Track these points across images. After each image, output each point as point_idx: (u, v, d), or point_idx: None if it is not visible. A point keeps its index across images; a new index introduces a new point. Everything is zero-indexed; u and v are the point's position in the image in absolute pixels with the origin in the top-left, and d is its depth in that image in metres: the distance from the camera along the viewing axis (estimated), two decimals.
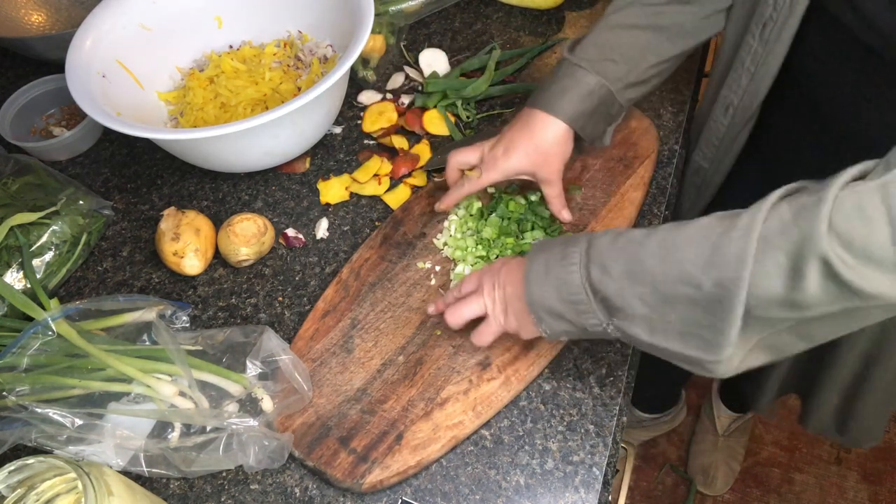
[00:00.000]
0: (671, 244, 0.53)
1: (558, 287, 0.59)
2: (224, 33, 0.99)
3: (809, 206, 0.47)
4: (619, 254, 0.56)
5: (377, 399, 0.69)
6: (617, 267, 0.55)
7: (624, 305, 0.56)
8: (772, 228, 0.49)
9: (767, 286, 0.49)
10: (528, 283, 0.61)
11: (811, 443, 1.59)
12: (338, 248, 0.83)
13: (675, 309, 0.53)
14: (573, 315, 0.59)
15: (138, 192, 0.92)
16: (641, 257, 0.54)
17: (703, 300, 0.51)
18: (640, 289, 0.54)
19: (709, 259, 0.51)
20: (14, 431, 0.63)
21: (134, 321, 0.72)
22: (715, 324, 0.51)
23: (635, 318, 0.55)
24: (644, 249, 0.54)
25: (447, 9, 1.10)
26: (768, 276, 0.48)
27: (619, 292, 0.55)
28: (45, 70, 1.01)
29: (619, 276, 0.55)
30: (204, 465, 0.64)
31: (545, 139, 0.74)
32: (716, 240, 0.51)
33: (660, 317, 0.54)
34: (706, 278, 0.51)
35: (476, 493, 0.65)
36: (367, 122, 0.95)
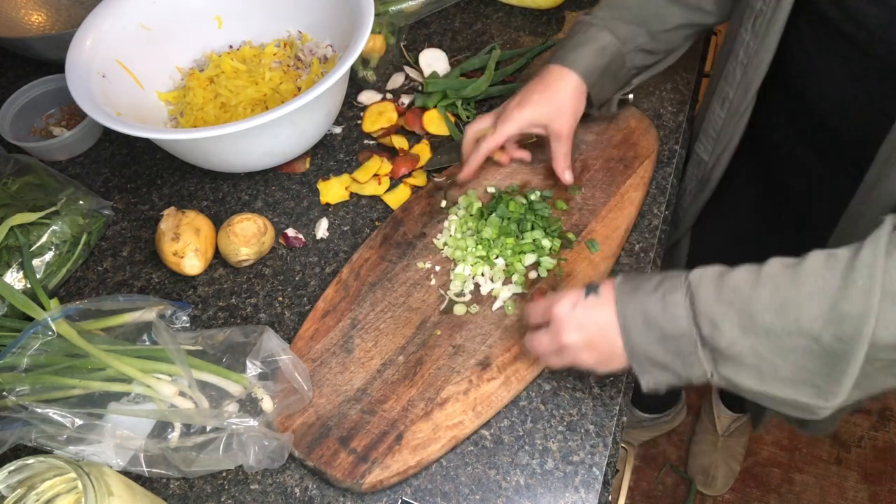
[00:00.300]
0: (786, 299, 0.52)
1: (664, 340, 0.57)
2: (224, 33, 0.99)
3: None
4: (728, 307, 0.54)
5: (377, 399, 0.69)
6: (728, 321, 0.54)
7: (735, 356, 0.54)
8: (894, 284, 0.49)
9: (886, 336, 0.49)
10: (628, 333, 0.58)
11: (811, 443, 1.59)
12: (338, 248, 0.83)
13: (789, 359, 0.53)
14: (679, 367, 0.57)
15: (138, 192, 0.92)
16: (754, 311, 0.53)
17: (821, 352, 0.51)
18: (754, 341, 0.53)
19: (828, 316, 0.50)
20: (14, 431, 0.62)
21: (134, 321, 0.72)
22: (832, 374, 0.51)
23: (745, 368, 0.54)
24: (756, 303, 0.53)
25: (447, 9, 1.10)
26: (888, 328, 0.49)
27: (732, 345, 0.54)
28: (45, 70, 1.01)
29: (729, 329, 0.54)
30: (204, 465, 0.64)
31: (559, 90, 0.76)
32: (835, 294, 0.50)
33: (772, 366, 0.53)
34: (826, 333, 0.50)
35: (476, 493, 0.65)
36: (367, 122, 0.95)
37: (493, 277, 0.76)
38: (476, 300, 0.75)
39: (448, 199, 0.84)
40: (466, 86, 0.95)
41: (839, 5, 0.61)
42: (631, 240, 0.80)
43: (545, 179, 0.85)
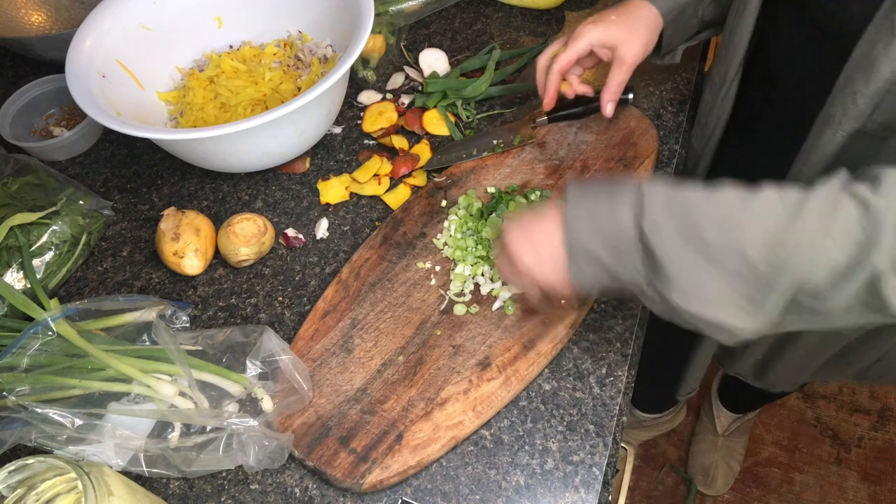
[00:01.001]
0: (733, 218, 0.53)
1: (603, 233, 0.57)
2: (224, 33, 0.99)
3: (875, 212, 0.49)
4: (675, 215, 0.55)
5: (377, 399, 0.69)
6: (671, 229, 0.54)
7: (670, 267, 0.55)
8: (838, 226, 0.50)
9: (815, 276, 0.50)
10: (570, 225, 0.59)
11: (811, 443, 1.59)
12: (338, 248, 0.83)
13: (721, 278, 0.53)
14: (612, 262, 0.58)
15: (138, 192, 0.92)
16: (699, 223, 0.54)
17: (752, 277, 0.52)
18: (692, 255, 0.54)
19: (770, 243, 0.51)
20: (14, 431, 0.62)
21: (134, 321, 0.72)
22: (758, 299, 0.53)
23: (677, 283, 0.55)
24: (702, 217, 0.54)
25: (447, 9, 1.10)
26: (820, 268, 0.50)
27: (669, 254, 0.55)
28: (45, 70, 1.01)
29: (670, 237, 0.54)
30: (204, 465, 0.64)
31: (638, 18, 0.77)
32: (782, 224, 0.51)
33: (701, 283, 0.54)
34: (762, 259, 0.51)
35: (476, 493, 0.65)
36: (367, 122, 0.95)
37: (493, 277, 0.76)
38: (476, 300, 0.75)
39: (448, 199, 0.84)
40: (466, 86, 0.95)
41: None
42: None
43: (545, 179, 0.85)
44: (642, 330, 0.76)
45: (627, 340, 0.73)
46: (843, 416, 1.62)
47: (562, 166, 0.85)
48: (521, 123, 0.90)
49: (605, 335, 0.74)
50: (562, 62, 0.78)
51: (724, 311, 0.55)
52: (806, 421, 1.62)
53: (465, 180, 0.86)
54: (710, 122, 0.85)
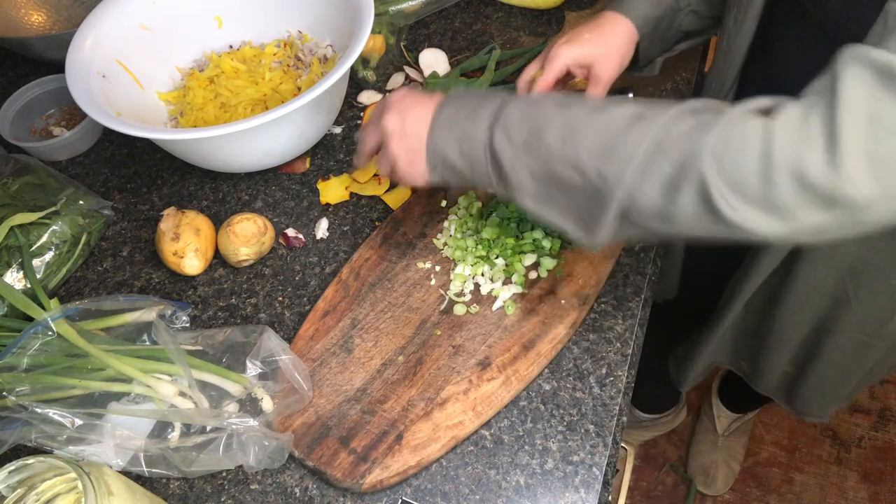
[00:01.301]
0: (576, 127, 0.53)
1: (460, 140, 0.59)
2: (224, 33, 0.99)
3: (706, 122, 0.48)
4: (525, 123, 0.55)
5: (377, 399, 0.69)
6: (519, 136, 0.55)
7: (513, 176, 0.56)
8: (669, 136, 0.49)
9: (646, 192, 0.50)
10: (433, 128, 0.60)
11: (811, 443, 1.59)
12: (338, 248, 0.83)
13: (559, 190, 0.54)
14: (468, 171, 0.60)
15: (138, 192, 0.92)
16: (544, 132, 0.54)
17: (585, 188, 0.53)
18: (533, 163, 0.55)
19: (602, 150, 0.51)
20: (14, 431, 0.62)
21: (134, 321, 0.72)
22: (592, 212, 0.53)
23: (523, 190, 0.56)
24: (549, 125, 0.54)
25: (447, 9, 1.10)
26: (649, 181, 0.50)
27: (512, 162, 0.56)
28: (45, 70, 1.01)
29: (517, 145, 0.55)
30: (204, 465, 0.64)
31: (612, 34, 0.75)
32: (616, 133, 0.51)
33: (546, 193, 0.55)
34: (592, 168, 0.51)
35: (476, 493, 0.65)
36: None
37: (493, 277, 0.76)
38: (476, 300, 0.75)
39: (448, 199, 0.84)
40: (466, 86, 0.94)
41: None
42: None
43: None
44: (642, 330, 0.76)
45: (627, 340, 0.73)
46: (843, 416, 1.62)
47: None
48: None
49: (605, 335, 0.74)
50: (540, 87, 0.77)
51: (567, 220, 0.56)
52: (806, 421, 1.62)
53: None
54: None
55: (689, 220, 0.50)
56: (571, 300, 0.74)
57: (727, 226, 0.48)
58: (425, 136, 0.61)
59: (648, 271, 0.78)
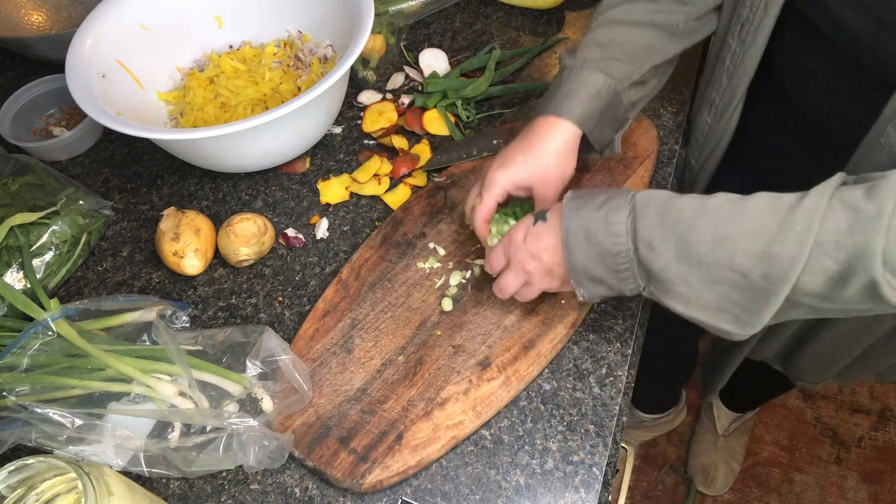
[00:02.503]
0: (724, 233, 0.54)
1: (602, 256, 0.59)
2: (224, 33, 0.99)
3: (866, 219, 0.49)
4: (668, 233, 0.56)
5: (377, 399, 0.69)
6: (665, 247, 0.56)
7: (666, 281, 0.57)
8: (828, 235, 0.50)
9: (811, 283, 0.51)
10: (569, 252, 0.61)
11: (811, 443, 1.59)
12: (338, 248, 0.83)
13: (715, 289, 0.55)
14: (614, 282, 0.61)
15: (138, 192, 0.92)
16: (690, 241, 0.55)
17: (746, 287, 0.53)
18: (686, 269, 0.55)
19: (761, 254, 0.52)
20: (14, 431, 0.62)
21: (134, 321, 0.72)
22: (753, 308, 0.54)
23: (674, 292, 0.57)
24: (695, 234, 0.55)
25: (447, 9, 1.10)
26: (814, 276, 0.51)
27: (664, 269, 0.56)
28: (45, 70, 1.01)
29: (665, 254, 0.56)
30: (204, 465, 0.64)
31: (545, 149, 0.69)
32: (771, 236, 0.52)
33: (699, 294, 0.56)
34: (755, 271, 0.52)
35: (476, 493, 0.65)
36: (367, 122, 0.95)
37: None
38: (477, 300, 0.75)
39: (448, 199, 0.84)
40: (466, 86, 0.94)
41: (826, 15, 0.61)
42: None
43: None
44: (642, 330, 0.76)
45: (627, 340, 0.73)
46: (844, 416, 1.62)
47: None
48: (522, 123, 0.90)
49: (605, 335, 0.74)
50: (483, 214, 0.71)
51: (721, 318, 0.56)
52: (806, 421, 1.62)
53: (466, 180, 0.86)
54: (710, 142, 0.83)
55: (851, 303, 0.52)
56: (571, 300, 0.74)
57: (889, 306, 0.51)
58: (562, 261, 0.62)
59: None
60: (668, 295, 0.58)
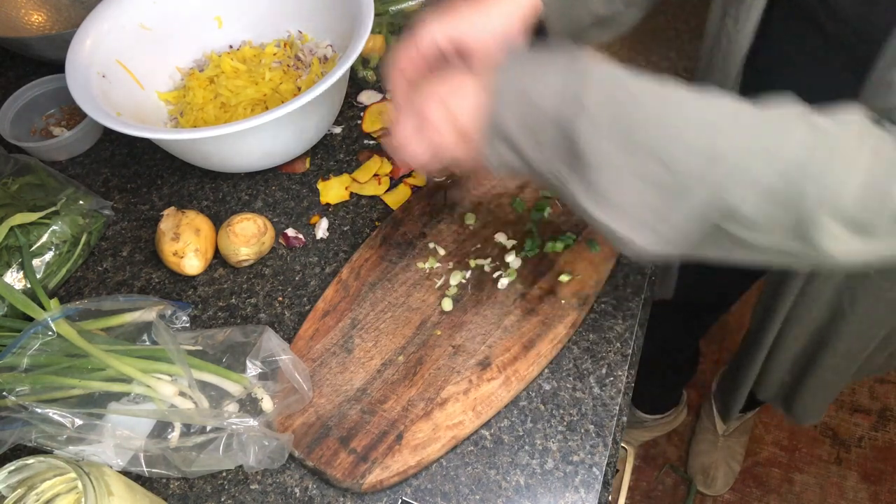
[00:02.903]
0: (671, 120, 0.47)
1: (528, 115, 0.50)
2: (224, 33, 0.99)
3: (829, 145, 0.45)
4: (612, 107, 0.48)
5: (377, 399, 0.69)
6: (602, 119, 0.48)
7: (587, 162, 0.49)
8: (783, 147, 0.46)
9: (736, 197, 0.46)
10: (496, 100, 0.51)
11: (811, 443, 1.59)
12: (338, 248, 0.83)
13: (637, 186, 0.48)
14: (529, 149, 0.51)
15: (138, 192, 0.92)
16: (634, 120, 0.47)
17: (668, 185, 0.47)
18: (615, 152, 0.48)
19: (698, 146, 0.46)
20: (14, 431, 0.62)
21: (134, 321, 0.72)
22: (665, 211, 0.48)
23: (590, 181, 0.49)
24: (641, 113, 0.47)
25: None
26: (744, 188, 0.46)
27: (592, 146, 0.48)
28: (45, 70, 1.01)
29: (599, 128, 0.48)
30: (204, 465, 0.64)
31: (499, 11, 0.61)
32: (721, 130, 0.47)
33: (617, 187, 0.49)
34: (682, 162, 0.46)
35: (476, 493, 0.65)
36: (367, 122, 0.95)
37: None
38: (477, 299, 0.75)
39: (448, 199, 0.84)
40: None
41: None
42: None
43: None
44: (642, 330, 0.76)
45: (627, 340, 0.73)
46: (844, 416, 1.62)
47: None
48: None
49: (605, 335, 0.74)
50: (400, 60, 0.62)
51: (627, 222, 0.50)
52: None
53: (466, 180, 0.86)
54: None
55: (776, 237, 0.47)
56: (571, 300, 0.74)
57: (815, 255, 0.47)
58: (477, 113, 0.52)
59: (648, 271, 0.78)
60: (581, 184, 0.49)
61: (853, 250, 0.47)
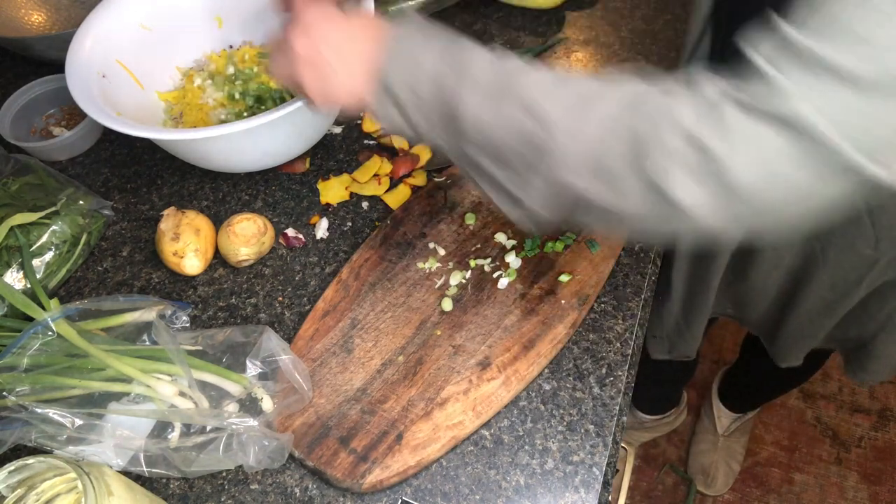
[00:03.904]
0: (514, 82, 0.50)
1: (419, 76, 0.53)
2: (224, 33, 0.99)
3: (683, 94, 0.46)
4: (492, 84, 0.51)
5: (377, 399, 0.69)
6: (485, 94, 0.51)
7: (463, 126, 0.52)
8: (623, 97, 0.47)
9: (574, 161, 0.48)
10: (393, 56, 0.54)
11: (811, 443, 1.59)
12: (338, 248, 0.83)
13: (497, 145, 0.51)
14: (417, 115, 0.54)
15: (138, 192, 0.92)
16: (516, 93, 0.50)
17: (518, 160, 0.50)
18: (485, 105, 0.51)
19: (531, 112, 0.49)
20: (14, 431, 0.62)
21: (134, 321, 0.72)
22: (521, 183, 0.51)
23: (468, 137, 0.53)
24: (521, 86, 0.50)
25: (447, 9, 1.09)
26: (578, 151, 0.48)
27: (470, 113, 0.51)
28: (45, 70, 1.01)
29: (473, 97, 0.51)
30: (204, 465, 0.64)
31: None
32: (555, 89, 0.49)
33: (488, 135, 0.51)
34: (522, 133, 0.49)
35: (476, 493, 0.65)
36: (367, 121, 0.95)
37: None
38: (476, 299, 0.75)
39: (448, 199, 0.84)
40: None
41: None
42: (631, 240, 0.80)
43: None
44: (642, 330, 0.76)
45: (627, 340, 0.73)
46: (844, 416, 1.62)
47: None
48: None
49: (605, 335, 0.74)
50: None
51: (498, 195, 0.53)
52: (806, 421, 1.62)
53: (465, 180, 0.86)
54: None
55: (631, 196, 0.47)
56: (571, 300, 0.74)
57: (669, 210, 0.46)
58: (368, 65, 0.54)
59: (648, 271, 0.78)
60: (465, 142, 0.52)
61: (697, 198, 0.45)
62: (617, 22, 1.05)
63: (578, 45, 1.03)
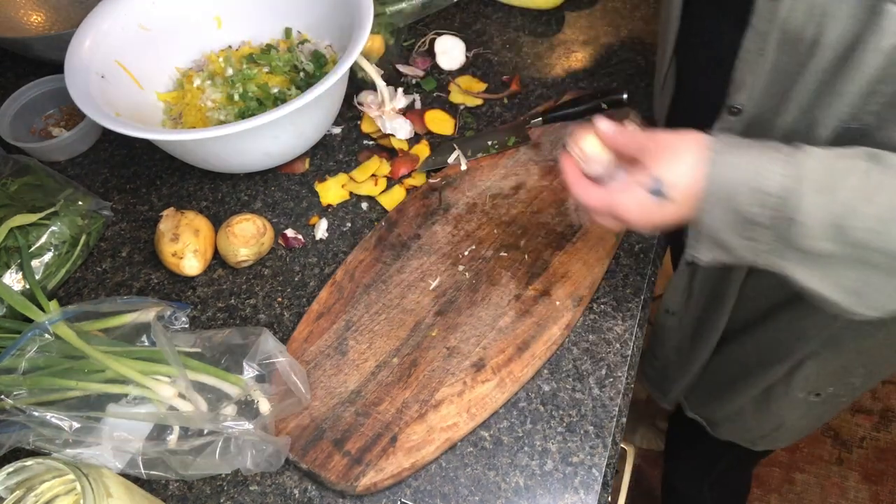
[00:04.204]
0: (891, 218, 0.49)
1: (739, 223, 0.53)
2: (224, 33, 0.99)
3: None
4: (826, 213, 0.50)
5: (371, 401, 0.69)
6: (819, 226, 0.50)
7: (805, 255, 0.52)
8: None
9: None
10: (703, 211, 0.54)
11: (812, 443, 1.59)
12: (337, 249, 0.83)
13: (858, 269, 0.52)
14: (740, 249, 0.55)
15: (137, 192, 0.92)
16: (851, 225, 0.50)
17: None
18: (834, 247, 0.51)
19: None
20: (12, 435, 0.63)
21: (133, 322, 0.72)
22: (887, 290, 0.52)
23: (806, 266, 0.53)
24: (859, 220, 0.50)
25: (447, 9, 1.09)
26: None
27: (810, 245, 0.51)
28: (45, 70, 1.01)
29: (817, 233, 0.50)
30: (201, 468, 0.64)
31: None
32: None
33: (836, 271, 0.52)
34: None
35: (475, 495, 0.65)
36: (367, 122, 0.94)
37: None
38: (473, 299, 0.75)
39: (443, 200, 0.84)
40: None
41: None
42: (630, 240, 0.80)
43: (540, 180, 0.84)
44: (642, 331, 0.76)
45: (627, 341, 0.73)
46: (845, 417, 1.62)
47: (556, 167, 0.85)
48: (516, 124, 0.90)
49: (605, 336, 0.73)
50: None
51: (843, 294, 0.53)
52: None
53: (460, 181, 0.86)
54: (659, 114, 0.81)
55: None
56: (566, 301, 0.74)
57: None
58: (694, 214, 0.55)
59: (648, 272, 0.78)
60: (796, 266, 0.53)
61: None
62: (617, 22, 1.05)
63: (578, 45, 1.03)
